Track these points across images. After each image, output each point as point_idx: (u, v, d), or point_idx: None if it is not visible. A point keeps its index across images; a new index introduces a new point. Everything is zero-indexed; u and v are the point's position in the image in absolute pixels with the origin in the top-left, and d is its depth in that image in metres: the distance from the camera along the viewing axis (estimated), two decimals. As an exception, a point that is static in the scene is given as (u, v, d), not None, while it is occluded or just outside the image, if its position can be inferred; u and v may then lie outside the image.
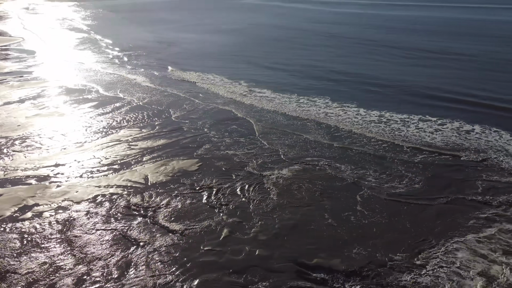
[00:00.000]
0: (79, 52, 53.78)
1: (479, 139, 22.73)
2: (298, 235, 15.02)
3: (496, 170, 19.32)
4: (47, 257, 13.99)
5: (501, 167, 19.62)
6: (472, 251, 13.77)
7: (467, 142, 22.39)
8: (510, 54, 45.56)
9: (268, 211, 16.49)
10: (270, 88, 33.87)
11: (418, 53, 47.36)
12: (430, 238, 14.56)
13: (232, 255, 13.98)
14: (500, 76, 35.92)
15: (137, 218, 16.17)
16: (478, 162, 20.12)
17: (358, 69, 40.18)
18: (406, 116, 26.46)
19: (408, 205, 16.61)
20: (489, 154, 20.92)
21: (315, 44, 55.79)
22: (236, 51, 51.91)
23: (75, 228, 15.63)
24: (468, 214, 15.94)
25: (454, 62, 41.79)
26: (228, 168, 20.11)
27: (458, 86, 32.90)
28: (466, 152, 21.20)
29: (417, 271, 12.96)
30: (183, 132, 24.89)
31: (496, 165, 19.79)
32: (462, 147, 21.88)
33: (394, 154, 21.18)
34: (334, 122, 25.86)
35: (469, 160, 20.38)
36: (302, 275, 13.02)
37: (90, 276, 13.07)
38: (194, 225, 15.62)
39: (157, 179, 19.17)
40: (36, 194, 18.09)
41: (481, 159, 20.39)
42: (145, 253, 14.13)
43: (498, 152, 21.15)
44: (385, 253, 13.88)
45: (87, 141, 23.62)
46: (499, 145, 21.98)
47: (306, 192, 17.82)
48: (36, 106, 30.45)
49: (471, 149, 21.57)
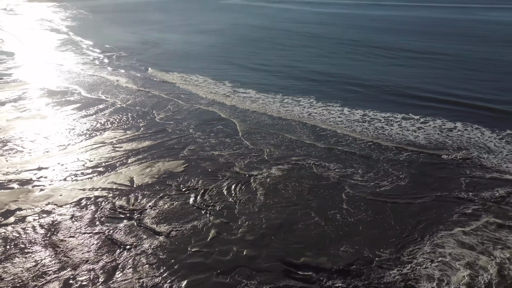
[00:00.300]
0: (60, 53, 52.99)
1: (461, 136, 23.18)
2: (285, 234, 15.10)
3: (478, 167, 19.75)
4: (32, 262, 13.78)
5: (483, 163, 20.05)
6: (459, 243, 14.05)
7: (450, 140, 22.81)
8: (490, 53, 46.50)
9: (254, 211, 16.54)
10: (254, 88, 33.97)
11: (401, 53, 47.99)
12: (415, 234, 14.79)
13: (220, 256, 13.99)
14: (482, 76, 36.61)
15: (123, 221, 16.04)
16: (460, 160, 20.54)
17: (341, 69, 40.51)
18: (389, 115, 26.81)
19: (393, 203, 16.84)
20: (471, 151, 21.35)
21: (297, 44, 56.09)
22: (219, 51, 51.85)
23: (60, 232, 15.42)
24: (452, 209, 16.24)
25: (437, 62, 42.44)
26: (214, 169, 20.09)
27: (440, 86, 33.47)
28: (449, 150, 21.61)
29: (403, 266, 13.15)
30: (168, 133, 24.76)
31: (478, 162, 20.23)
32: (445, 145, 22.29)
33: (378, 153, 21.44)
34: (318, 122, 26.06)
35: (451, 158, 20.77)
36: (289, 274, 13.10)
37: (76, 280, 12.92)
38: (181, 227, 15.57)
39: (143, 181, 19.04)
40: (18, 198, 17.79)
41: (463, 157, 20.80)
42: (132, 255, 14.03)
43: (480, 149, 21.60)
44: (371, 250, 14.06)
45: (70, 144, 23.32)
46: (481, 142, 22.44)
47: (292, 191, 17.91)
48: (17, 108, 29.92)
49: (454, 146, 21.99)
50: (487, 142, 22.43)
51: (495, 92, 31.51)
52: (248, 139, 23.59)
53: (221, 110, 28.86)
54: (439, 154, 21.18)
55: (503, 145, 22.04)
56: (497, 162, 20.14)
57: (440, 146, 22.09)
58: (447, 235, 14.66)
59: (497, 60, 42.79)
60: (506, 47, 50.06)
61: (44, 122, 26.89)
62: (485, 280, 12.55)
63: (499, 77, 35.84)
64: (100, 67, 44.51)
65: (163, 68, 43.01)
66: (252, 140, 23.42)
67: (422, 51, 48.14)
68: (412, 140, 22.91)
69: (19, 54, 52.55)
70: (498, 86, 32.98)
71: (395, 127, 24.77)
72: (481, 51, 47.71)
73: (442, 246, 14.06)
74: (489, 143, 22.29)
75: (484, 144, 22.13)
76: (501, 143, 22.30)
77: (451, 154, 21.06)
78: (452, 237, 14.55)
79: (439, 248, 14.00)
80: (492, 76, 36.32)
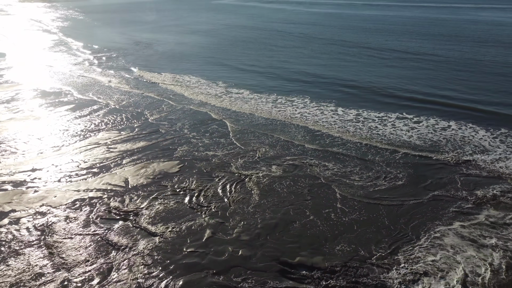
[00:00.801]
0: (52, 54, 52.69)
1: (455, 135, 23.46)
2: (280, 234, 15.17)
3: (473, 166, 20.01)
4: (26, 263, 13.74)
5: (477, 163, 20.31)
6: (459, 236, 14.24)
7: (444, 139, 23.06)
8: (479, 54, 46.92)
9: (249, 211, 16.60)
10: (247, 89, 34.06)
11: (393, 53, 48.31)
12: (409, 233, 14.94)
13: (215, 256, 14.04)
14: (471, 76, 36.95)
15: (118, 222, 16.03)
16: (455, 158, 20.78)
17: (331, 70, 40.66)
18: (383, 114, 27.03)
19: (389, 202, 16.97)
20: (466, 150, 21.62)
21: (288, 45, 56.22)
22: (211, 52, 51.91)
23: (55, 233, 15.38)
24: (449, 207, 16.44)
25: (428, 63, 42.75)
26: (209, 169, 20.13)
27: (430, 87, 33.72)
28: (443, 149, 21.86)
29: (398, 266, 13.29)
30: (163, 134, 24.76)
31: (473, 161, 20.47)
32: (439, 144, 22.53)
33: (373, 153, 21.60)
34: (310, 122, 26.19)
35: (447, 157, 21.00)
36: (285, 273, 13.19)
37: (71, 281, 12.91)
38: (176, 227, 15.59)
39: (137, 182, 19.03)
40: (12, 200, 17.71)
41: (458, 156, 21.04)
42: (127, 256, 14.04)
43: (474, 147, 21.89)
44: (366, 249, 14.18)
45: (64, 145, 23.23)
46: (475, 141, 22.73)
47: (287, 191, 18.00)
48: (10, 110, 29.74)
49: (448, 145, 22.25)
50: (481, 141, 22.72)
51: (485, 93, 31.85)
52: (241, 139, 23.66)
53: (214, 110, 28.90)
54: (433, 153, 21.40)
55: (498, 144, 22.35)
56: (491, 161, 20.43)
57: (434, 145, 22.32)
58: (448, 229, 14.84)
59: (488, 61, 43.19)
60: (497, 48, 50.60)
61: (38, 123, 26.76)
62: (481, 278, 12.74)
63: (489, 79, 36.18)
64: (92, 68, 44.34)
65: (155, 69, 42.92)
66: (245, 140, 23.49)
67: (414, 52, 48.44)
68: (406, 140, 23.12)
69: (11, 55, 52.18)
70: (489, 88, 33.33)
71: (389, 127, 24.96)
72: (468, 51, 48.19)
73: (441, 239, 14.23)
74: (483, 142, 22.60)
75: (479, 143, 22.43)
76: (495, 142, 22.60)
77: (445, 154, 21.31)
78: (451, 230, 14.74)
79: (437, 241, 14.16)
80: (479, 77, 36.66)
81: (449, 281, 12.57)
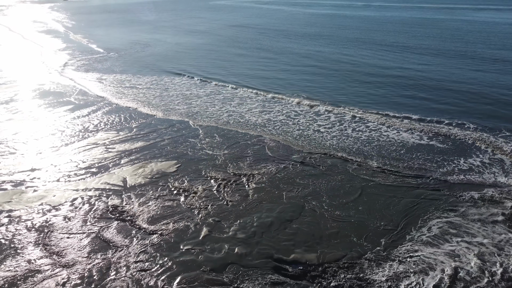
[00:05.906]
0: (51, 54, 52.92)
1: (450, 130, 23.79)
2: (275, 232, 15.42)
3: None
4: (26, 262, 13.98)
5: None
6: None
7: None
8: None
9: (245, 210, 16.85)
10: (242, 86, 34.40)
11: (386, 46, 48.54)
12: (403, 231, 15.19)
13: (212, 254, 14.29)
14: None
15: (116, 221, 16.27)
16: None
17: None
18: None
19: (384, 197, 17.23)
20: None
21: (283, 46, 56.57)
22: (209, 52, 52.17)
23: (54, 232, 15.62)
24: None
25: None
26: (206, 169, 20.37)
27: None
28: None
29: (391, 262, 13.54)
30: (161, 134, 24.99)
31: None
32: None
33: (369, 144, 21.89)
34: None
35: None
36: (279, 270, 13.43)
37: (70, 280, 13.14)
38: (173, 226, 15.84)
39: (135, 182, 19.28)
40: (12, 199, 17.95)
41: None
42: (125, 255, 14.28)
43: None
44: (361, 245, 14.42)
45: (63, 145, 23.47)
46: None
47: (282, 190, 18.24)
48: (9, 110, 29.98)
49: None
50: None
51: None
52: (243, 139, 23.89)
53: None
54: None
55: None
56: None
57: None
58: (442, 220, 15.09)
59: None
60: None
61: (37, 124, 27.00)
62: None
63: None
64: (89, 68, 44.58)
65: (153, 68, 43.18)
66: (247, 140, 23.72)
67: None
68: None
69: (8, 55, 52.40)
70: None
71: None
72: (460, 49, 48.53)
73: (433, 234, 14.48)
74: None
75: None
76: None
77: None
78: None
79: (430, 237, 14.41)
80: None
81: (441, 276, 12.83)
